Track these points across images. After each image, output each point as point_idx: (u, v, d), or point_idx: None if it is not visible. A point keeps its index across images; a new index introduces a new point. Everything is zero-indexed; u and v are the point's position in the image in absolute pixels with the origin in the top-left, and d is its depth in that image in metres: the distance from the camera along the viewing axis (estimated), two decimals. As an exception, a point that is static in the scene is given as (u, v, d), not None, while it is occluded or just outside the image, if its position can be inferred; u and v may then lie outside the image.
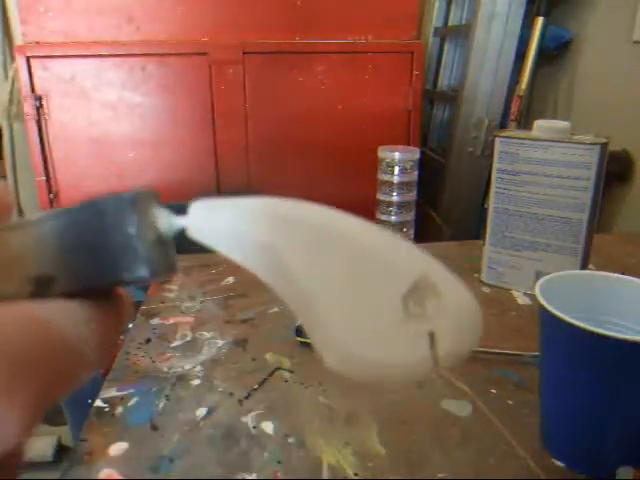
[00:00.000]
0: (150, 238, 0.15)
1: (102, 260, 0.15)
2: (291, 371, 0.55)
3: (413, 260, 0.18)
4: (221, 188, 1.51)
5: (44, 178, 1.43)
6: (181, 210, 0.18)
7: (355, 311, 0.17)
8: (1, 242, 0.15)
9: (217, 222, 0.17)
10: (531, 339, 0.47)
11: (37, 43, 1.39)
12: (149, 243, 0.15)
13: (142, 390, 0.52)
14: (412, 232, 0.76)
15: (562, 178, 0.65)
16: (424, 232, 1.55)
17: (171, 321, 0.65)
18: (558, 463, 0.43)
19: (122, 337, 0.63)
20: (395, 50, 1.50)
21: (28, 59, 1.38)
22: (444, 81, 1.96)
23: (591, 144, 0.63)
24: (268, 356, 0.58)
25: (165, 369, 0.56)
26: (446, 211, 1.71)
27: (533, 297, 0.67)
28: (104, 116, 1.43)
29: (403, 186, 0.73)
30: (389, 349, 0.17)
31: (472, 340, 0.18)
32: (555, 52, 1.60)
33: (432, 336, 0.16)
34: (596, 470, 0.42)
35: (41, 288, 0.15)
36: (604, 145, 0.63)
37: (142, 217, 0.15)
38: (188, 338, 0.62)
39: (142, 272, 0.15)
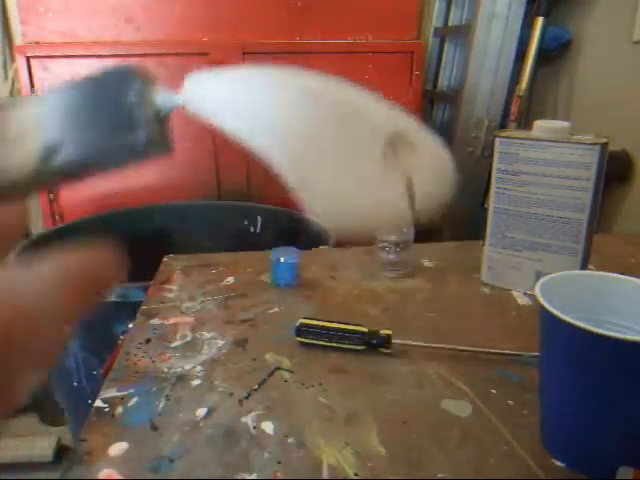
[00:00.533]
0: (148, 109, 0.17)
1: (104, 125, 0.16)
2: (291, 371, 0.55)
3: (392, 118, 0.19)
4: (221, 188, 1.51)
5: (44, 178, 1.43)
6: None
7: (339, 165, 0.18)
8: (8, 118, 0.15)
9: (207, 92, 0.18)
10: (531, 339, 0.47)
11: (37, 43, 1.39)
12: (147, 113, 0.17)
13: (142, 390, 0.52)
14: (412, 232, 0.76)
15: (562, 178, 0.65)
16: (424, 232, 1.55)
17: (171, 321, 0.65)
18: (558, 463, 0.43)
19: (122, 337, 0.63)
20: (395, 50, 1.50)
21: (28, 59, 1.38)
22: (444, 81, 1.96)
23: (591, 144, 0.63)
24: (268, 356, 0.58)
25: (165, 369, 0.56)
26: (446, 211, 1.71)
27: (533, 297, 0.67)
28: (104, 116, 1.43)
29: (403, 186, 0.73)
30: (369, 199, 0.18)
31: (444, 191, 0.19)
32: (555, 52, 1.60)
33: (410, 182, 0.17)
34: (596, 470, 0.42)
35: (48, 155, 0.15)
36: (604, 145, 0.63)
37: (143, 87, 0.17)
38: (188, 338, 0.62)
39: (139, 136, 0.16)
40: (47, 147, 0.15)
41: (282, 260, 0.71)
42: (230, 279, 0.76)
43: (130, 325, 0.65)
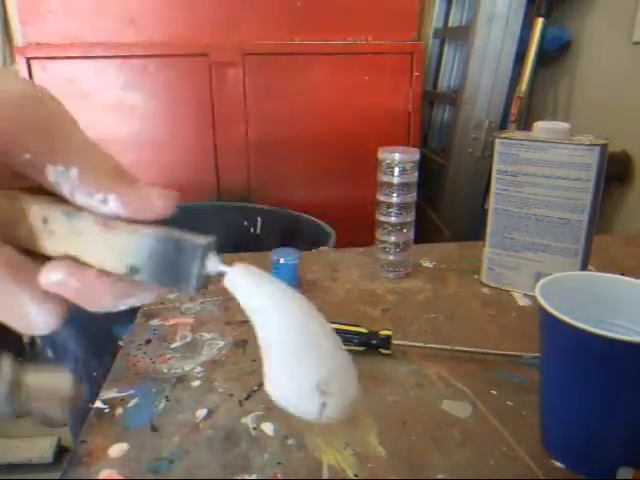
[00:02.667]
0: (201, 272, 0.23)
1: (170, 273, 0.23)
2: (291, 372, 0.55)
3: (334, 354, 0.26)
4: (221, 189, 1.51)
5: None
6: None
7: (292, 369, 0.25)
8: (117, 238, 0.22)
9: (244, 285, 0.25)
10: (531, 340, 0.47)
11: (37, 44, 1.39)
12: (199, 276, 0.23)
13: (142, 391, 0.52)
14: (412, 233, 0.76)
15: (562, 179, 0.65)
16: (424, 233, 1.55)
17: (171, 322, 0.65)
18: (558, 464, 0.43)
19: (122, 338, 0.63)
20: (395, 51, 1.50)
21: (28, 60, 1.38)
22: (444, 82, 1.96)
23: (591, 145, 0.63)
24: (268, 357, 0.57)
25: (165, 370, 0.56)
26: (446, 212, 1.71)
27: (533, 298, 0.67)
28: (105, 117, 1.43)
29: (403, 187, 0.73)
30: (299, 401, 0.26)
31: (346, 407, 0.26)
32: (555, 53, 1.60)
33: (323, 405, 0.25)
34: (596, 471, 0.42)
35: (130, 273, 0.22)
36: (604, 146, 0.63)
37: (203, 261, 0.23)
38: (188, 339, 0.62)
39: (189, 290, 0.23)
40: (131, 267, 0.22)
41: (282, 261, 0.71)
42: (230, 280, 0.76)
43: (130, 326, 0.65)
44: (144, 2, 1.39)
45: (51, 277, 0.22)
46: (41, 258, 0.23)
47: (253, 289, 0.25)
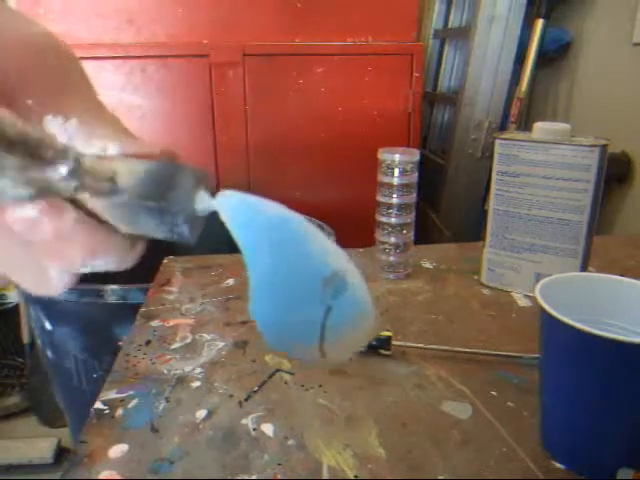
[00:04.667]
0: (189, 204, 0.22)
1: (157, 196, 0.21)
2: (291, 373, 0.55)
3: (343, 256, 0.24)
4: (221, 189, 1.51)
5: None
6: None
7: (282, 288, 0.23)
8: (115, 162, 0.22)
9: (234, 212, 0.23)
10: (531, 341, 0.47)
11: (37, 45, 1.39)
12: (187, 206, 0.22)
13: (142, 392, 0.52)
14: (412, 234, 0.76)
15: (562, 180, 0.65)
16: (424, 234, 1.55)
17: (171, 323, 0.65)
18: (558, 465, 0.43)
19: (122, 339, 0.63)
20: (395, 52, 1.50)
21: (28, 61, 1.37)
22: (444, 83, 1.96)
23: (591, 146, 0.63)
24: (268, 358, 0.58)
25: (165, 371, 0.56)
26: (446, 213, 1.71)
27: (533, 299, 0.67)
28: (104, 118, 1.43)
29: (403, 188, 0.73)
30: (294, 329, 0.23)
31: (360, 338, 0.24)
32: (555, 54, 1.60)
33: (328, 311, 0.22)
34: (596, 472, 0.42)
35: (112, 190, 0.21)
36: (604, 147, 0.63)
37: (193, 193, 0.22)
38: (188, 340, 0.62)
39: (175, 226, 0.21)
40: (115, 184, 0.21)
41: (282, 262, 0.71)
42: (230, 281, 0.76)
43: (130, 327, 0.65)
44: (144, 3, 1.39)
45: (22, 213, 0.20)
46: None
47: (242, 224, 0.23)
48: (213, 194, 0.23)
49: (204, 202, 0.22)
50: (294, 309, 0.23)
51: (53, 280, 0.22)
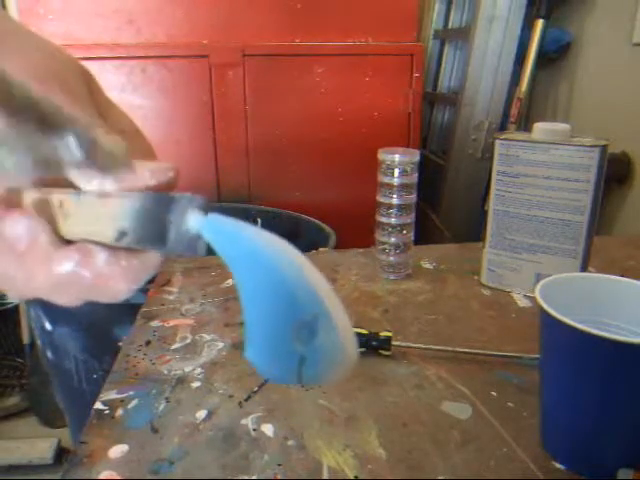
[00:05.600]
0: (180, 226, 0.22)
1: (153, 230, 0.23)
2: (291, 373, 0.55)
3: (314, 301, 0.23)
4: (221, 190, 1.51)
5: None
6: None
7: (263, 325, 0.23)
8: (110, 202, 0.23)
9: (223, 238, 0.23)
10: (531, 341, 0.47)
11: (37, 45, 1.39)
12: (178, 229, 0.22)
13: (142, 392, 0.52)
14: (412, 234, 0.76)
15: (562, 180, 0.65)
16: (424, 234, 1.55)
17: (171, 323, 0.65)
18: (558, 465, 0.43)
19: (122, 339, 0.63)
20: (395, 52, 1.50)
21: (28, 61, 1.37)
22: (444, 83, 1.96)
23: (591, 146, 0.63)
24: (268, 358, 0.57)
25: (165, 371, 0.56)
26: (446, 213, 1.72)
27: (533, 299, 0.67)
28: (104, 118, 1.43)
29: (403, 188, 0.73)
30: (273, 360, 0.23)
31: (335, 374, 0.23)
32: (555, 54, 1.60)
33: (302, 360, 0.22)
34: (596, 472, 0.42)
35: (119, 237, 0.23)
36: (604, 147, 0.63)
37: (183, 214, 0.22)
38: (188, 340, 0.62)
39: (171, 247, 0.22)
40: (119, 231, 0.23)
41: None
42: (230, 281, 0.76)
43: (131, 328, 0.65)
44: (144, 3, 1.39)
45: (63, 268, 0.23)
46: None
47: (227, 245, 0.23)
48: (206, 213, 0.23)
49: (194, 221, 0.23)
50: (271, 355, 0.23)
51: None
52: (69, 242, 0.24)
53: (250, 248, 0.22)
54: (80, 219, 0.24)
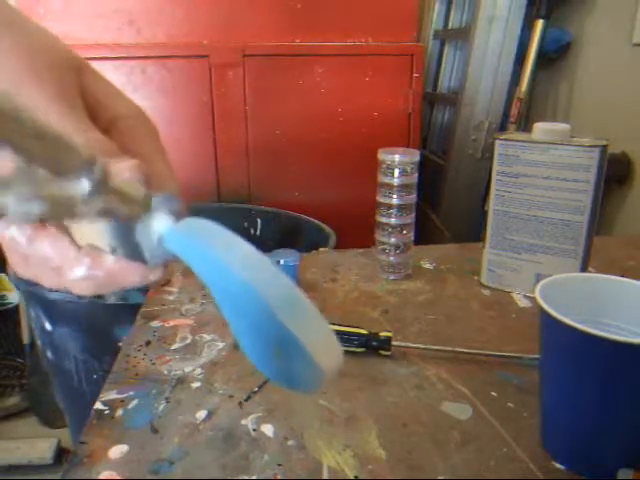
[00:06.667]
0: (149, 236, 0.24)
1: (131, 245, 0.25)
2: (291, 373, 0.55)
3: (277, 327, 0.22)
4: (221, 190, 1.51)
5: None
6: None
7: (244, 335, 0.24)
8: (99, 224, 0.26)
9: (185, 245, 0.24)
10: (531, 341, 0.47)
11: (37, 46, 1.39)
12: (148, 240, 0.25)
13: (142, 393, 0.52)
14: (412, 234, 0.76)
15: (562, 180, 0.65)
16: (424, 234, 1.55)
17: (171, 323, 0.65)
18: (558, 465, 0.43)
19: (122, 339, 0.63)
20: (395, 52, 1.50)
21: (28, 61, 1.37)
22: (444, 83, 1.96)
23: (591, 146, 0.63)
24: (268, 358, 0.57)
25: (165, 372, 0.56)
26: (446, 213, 1.72)
27: (533, 299, 0.67)
28: (104, 118, 1.43)
29: (403, 189, 0.73)
30: (264, 367, 0.24)
31: (317, 384, 0.24)
32: (555, 54, 1.60)
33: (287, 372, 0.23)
34: (597, 472, 0.42)
35: (112, 251, 0.26)
36: (604, 147, 0.63)
37: (149, 222, 0.24)
38: (188, 340, 0.62)
39: (149, 257, 0.25)
40: (111, 247, 0.26)
41: (282, 262, 0.71)
42: (230, 281, 0.76)
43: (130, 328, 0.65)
44: (144, 4, 1.39)
45: (78, 273, 0.27)
46: None
47: (191, 255, 0.24)
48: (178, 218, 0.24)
49: (160, 225, 0.24)
50: (261, 362, 0.24)
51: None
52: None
53: (213, 265, 0.23)
54: (84, 235, 0.27)
